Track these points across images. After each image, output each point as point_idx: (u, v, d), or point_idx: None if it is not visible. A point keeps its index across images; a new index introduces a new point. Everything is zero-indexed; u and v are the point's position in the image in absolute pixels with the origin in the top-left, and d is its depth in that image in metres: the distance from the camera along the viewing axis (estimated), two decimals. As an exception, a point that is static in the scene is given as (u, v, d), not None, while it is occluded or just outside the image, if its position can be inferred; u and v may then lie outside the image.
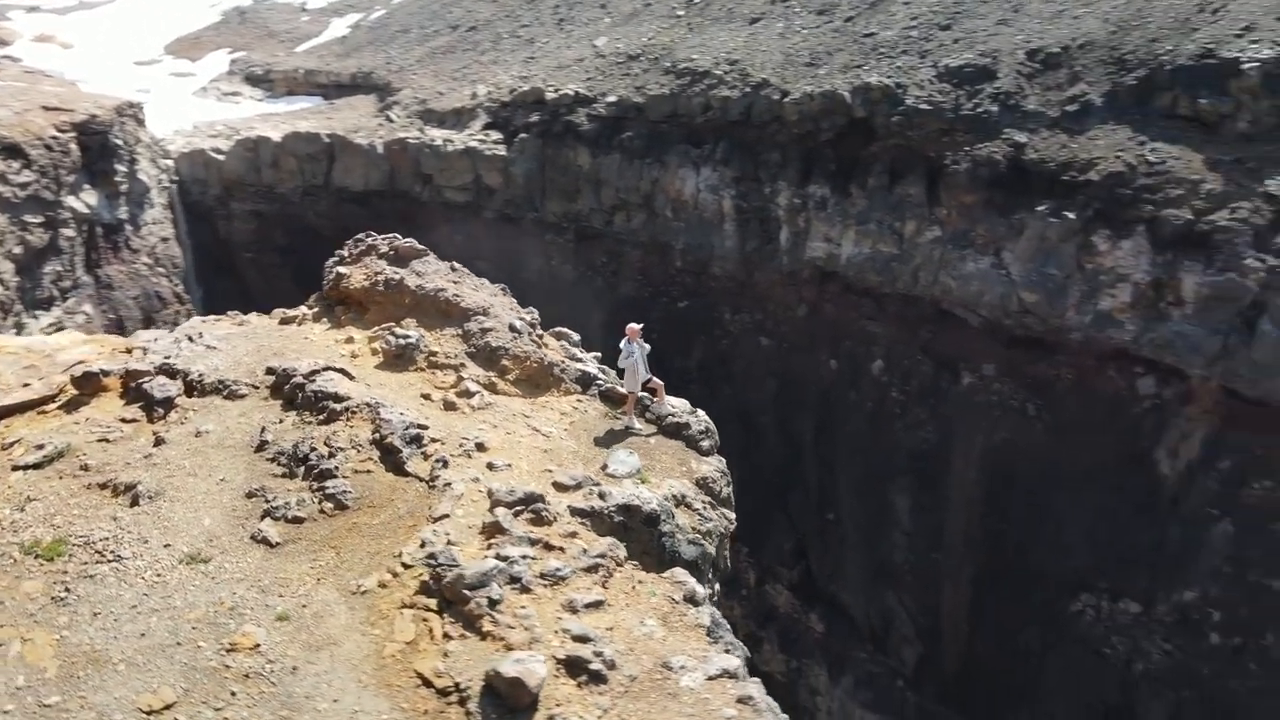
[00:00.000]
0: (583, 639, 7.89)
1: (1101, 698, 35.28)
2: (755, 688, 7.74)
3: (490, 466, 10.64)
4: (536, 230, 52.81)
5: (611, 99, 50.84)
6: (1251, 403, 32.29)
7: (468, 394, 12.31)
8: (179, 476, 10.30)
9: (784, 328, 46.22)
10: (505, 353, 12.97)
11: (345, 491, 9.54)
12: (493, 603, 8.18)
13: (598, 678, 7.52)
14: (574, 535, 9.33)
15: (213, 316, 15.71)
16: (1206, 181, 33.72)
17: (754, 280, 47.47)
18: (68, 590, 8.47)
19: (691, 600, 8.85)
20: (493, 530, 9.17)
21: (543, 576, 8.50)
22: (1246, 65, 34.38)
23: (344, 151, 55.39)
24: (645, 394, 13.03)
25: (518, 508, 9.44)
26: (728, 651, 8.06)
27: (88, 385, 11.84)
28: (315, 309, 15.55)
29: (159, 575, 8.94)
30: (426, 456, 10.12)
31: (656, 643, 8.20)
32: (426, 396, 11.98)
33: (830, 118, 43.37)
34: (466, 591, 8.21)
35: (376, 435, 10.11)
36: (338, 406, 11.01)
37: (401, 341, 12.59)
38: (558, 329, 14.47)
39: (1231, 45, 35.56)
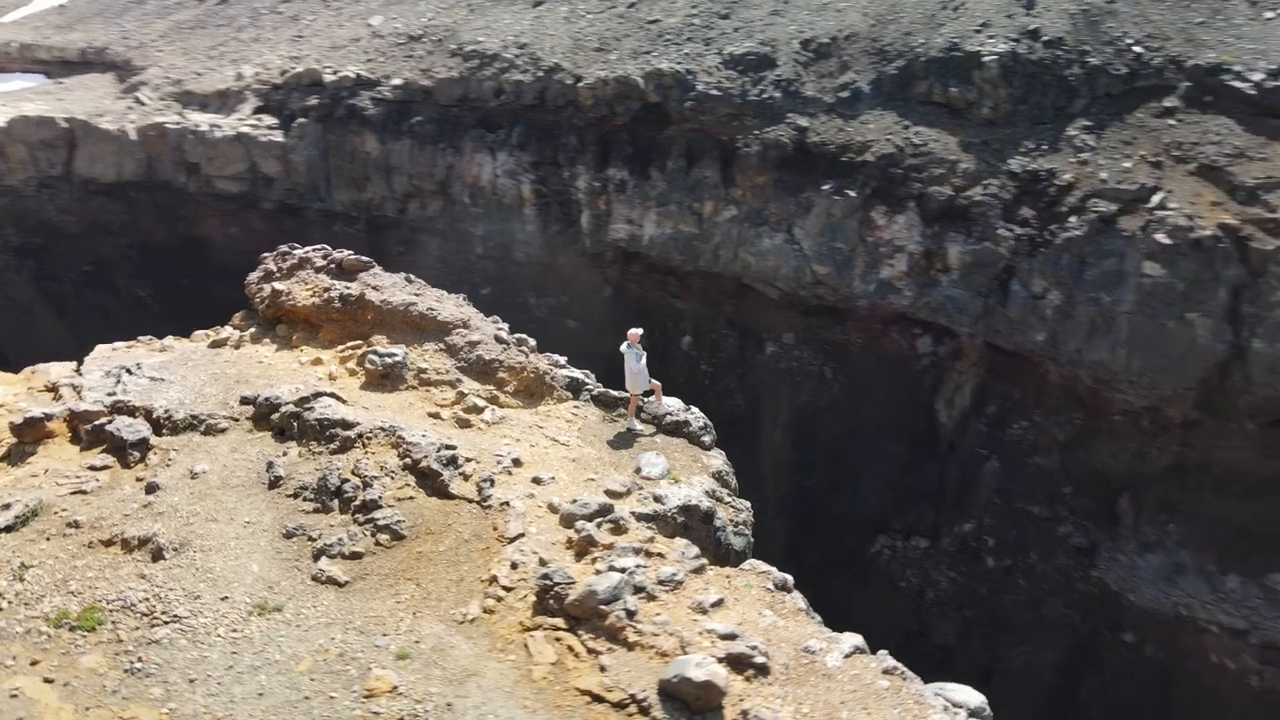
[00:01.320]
0: (730, 636, 8.21)
1: (901, 625, 39.56)
2: (891, 659, 8.49)
3: (536, 480, 10.62)
4: (323, 221, 50.13)
5: (397, 82, 49.14)
6: (1009, 354, 37.28)
7: (476, 410, 11.95)
8: (197, 524, 9.33)
9: (590, 309, 47.12)
10: (500, 365, 12.75)
11: (399, 521, 9.21)
12: (630, 614, 8.28)
13: (763, 670, 7.88)
14: (652, 539, 9.57)
15: (121, 343, 13.92)
16: (962, 161, 38.23)
17: (557, 264, 47.98)
18: (139, 660, 7.48)
19: (784, 587, 9.45)
20: (585, 544, 9.18)
21: (662, 583, 8.68)
22: (986, 58, 39.22)
23: (88, 138, 49.55)
24: (642, 396, 13.58)
25: (596, 519, 9.52)
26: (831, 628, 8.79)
27: (31, 432, 10.26)
28: (250, 329, 14.26)
29: (235, 630, 8.10)
30: (467, 477, 9.87)
31: (782, 630, 8.69)
32: (435, 415, 11.58)
33: (625, 102, 44.54)
34: (602, 606, 8.24)
35: (408, 460, 9.70)
36: (349, 433, 10.31)
37: (388, 360, 12.08)
38: (519, 335, 14.33)
39: (972, 40, 40.39)
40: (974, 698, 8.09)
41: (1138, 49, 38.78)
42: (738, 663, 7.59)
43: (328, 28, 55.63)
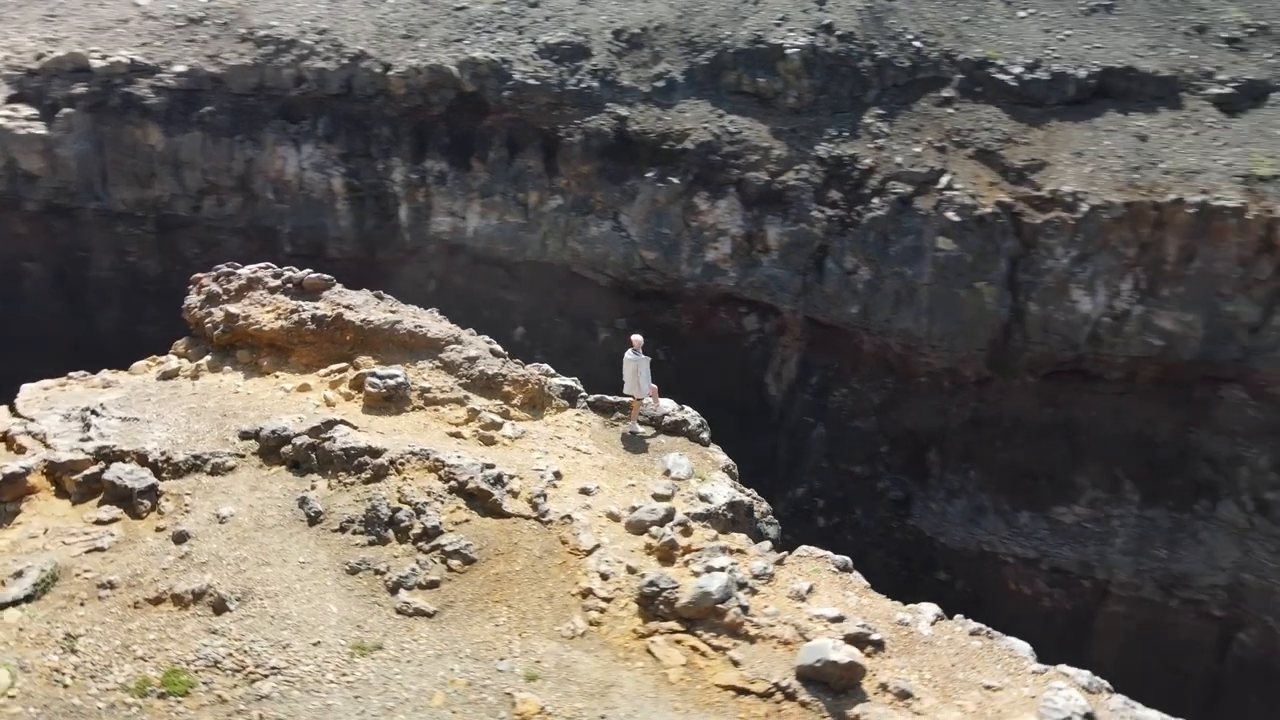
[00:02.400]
0: (839, 619, 8.61)
1: (744, 587, 41.94)
2: (972, 622, 9.22)
3: (584, 491, 10.68)
4: (103, 222, 45.44)
5: (180, 69, 45.18)
6: (827, 327, 40.21)
7: (495, 426, 11.40)
8: (250, 570, 8.44)
9: (415, 304, 45.84)
10: (504, 379, 12.28)
11: (467, 545, 9.01)
12: (744, 609, 8.49)
13: (880, 645, 8.35)
14: (715, 537, 9.74)
15: (49, 381, 11.92)
16: (775, 148, 40.60)
17: (376, 259, 46.21)
18: (259, 718, 6.70)
19: (846, 569, 9.98)
20: (667, 549, 9.23)
21: (757, 577, 8.93)
22: (789, 51, 41.78)
23: None
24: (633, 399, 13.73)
25: (665, 524, 9.60)
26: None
27: (11, 490, 8.74)
28: (204, 357, 12.76)
29: (345, 674, 7.42)
30: (516, 494, 9.68)
31: (868, 607, 9.20)
32: (456, 435, 11.14)
33: (440, 92, 43.50)
34: (719, 605, 8.39)
35: (453, 482, 9.40)
36: (379, 461, 9.60)
37: (390, 382, 11.58)
38: (491, 345, 13.95)
39: (774, 33, 42.83)
40: (1022, 646, 9.20)
41: (917, 44, 42.72)
42: (858, 641, 8.21)
43: (85, 6, 50.00)
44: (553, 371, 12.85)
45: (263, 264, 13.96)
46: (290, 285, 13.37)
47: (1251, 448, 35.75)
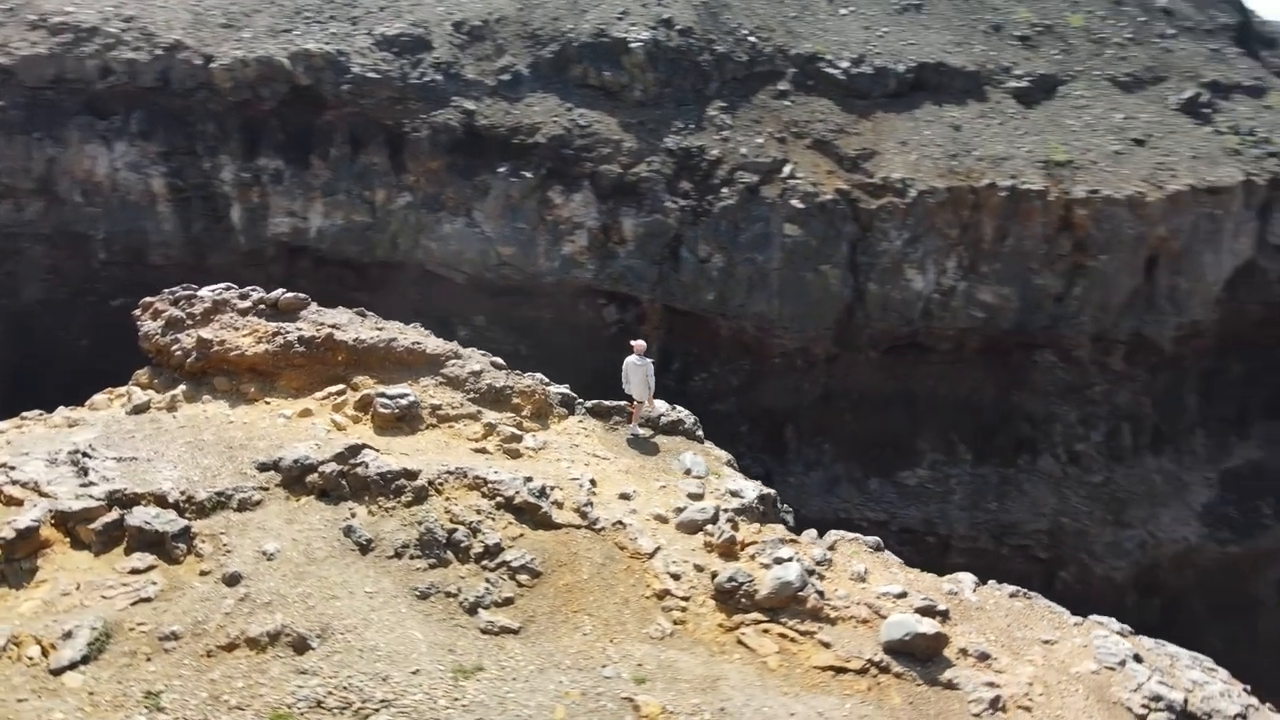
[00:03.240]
0: (902, 595, 9.05)
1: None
2: (1008, 585, 9.86)
3: (624, 496, 10.80)
4: (-127, 233, 40.04)
5: (-40, 59, 40.36)
6: (685, 314, 41.45)
7: (516, 439, 11.10)
8: (319, 605, 7.74)
9: (255, 311, 43.23)
10: (511, 391, 11.84)
11: (531, 559, 8.95)
12: (820, 594, 8.74)
13: (945, 615, 8.85)
14: (759, 530, 9.94)
15: (3, 423, 10.15)
16: (625, 141, 41.27)
17: (207, 264, 43.21)
18: None
19: (879, 549, 10.49)
20: (728, 545, 9.36)
21: (819, 564, 9.20)
22: (633, 44, 42.52)
23: None
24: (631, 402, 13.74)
25: (716, 521, 9.73)
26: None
27: (25, 546, 7.48)
28: (177, 387, 11.35)
29: (457, 699, 6.95)
30: (561, 505, 9.57)
31: (915, 581, 9.70)
32: (481, 450, 10.87)
33: (271, 85, 41.16)
34: (799, 593, 8.60)
35: (499, 499, 9.24)
36: (417, 483, 9.10)
37: (401, 402, 11.26)
38: (489, 357, 13.49)
39: (616, 27, 43.45)
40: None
41: (752, 39, 44.62)
42: (927, 613, 8.84)
43: None
44: (547, 380, 12.82)
45: (224, 285, 13.02)
46: (264, 306, 12.59)
47: (1062, 405, 40.08)
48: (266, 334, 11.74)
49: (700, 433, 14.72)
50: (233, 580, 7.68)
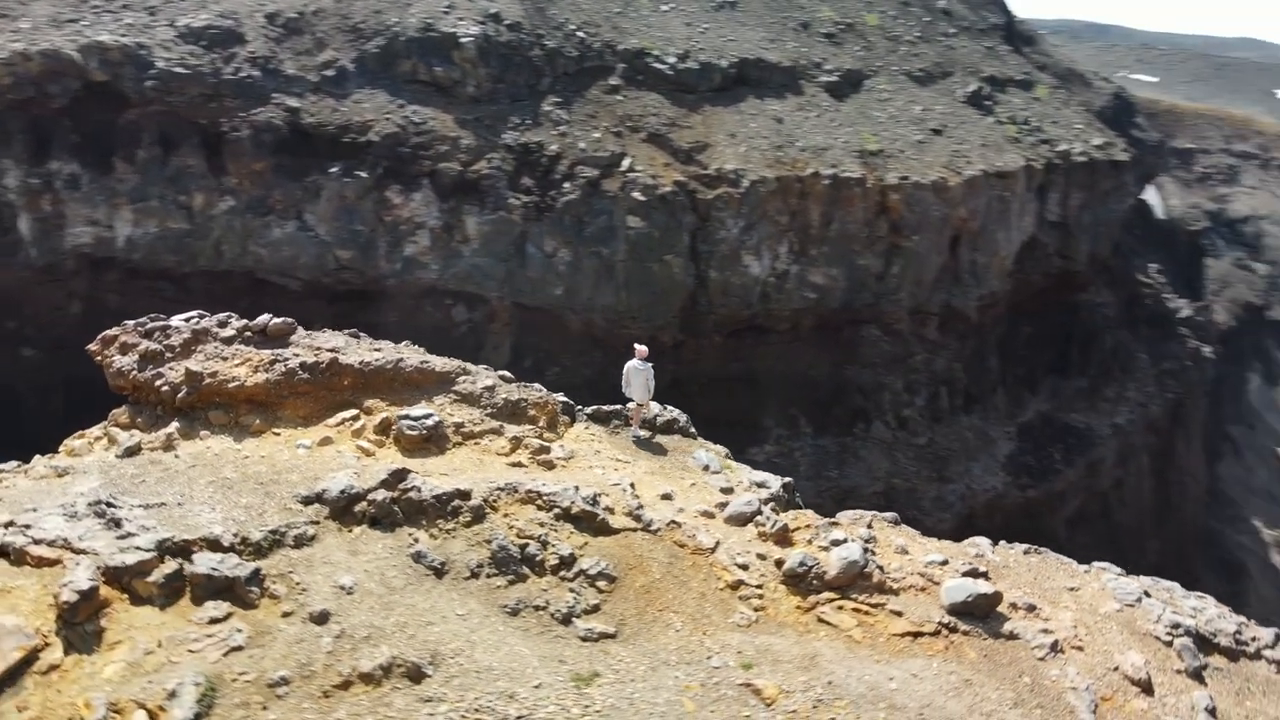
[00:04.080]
0: (944, 562, 9.55)
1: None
2: (1018, 544, 10.64)
3: (666, 497, 10.99)
4: None
5: None
6: (535, 310, 41.50)
7: (544, 450, 10.73)
8: (420, 633, 7.12)
9: (56, 331, 39.21)
10: (527, 403, 11.24)
11: (604, 565, 9.05)
12: (881, 569, 9.10)
13: (985, 575, 9.48)
14: (796, 516, 10.13)
15: None
16: (463, 138, 40.66)
17: (-8, 282, 38.79)
18: None
19: (898, 522, 11.02)
20: (782, 534, 9.72)
21: (867, 542, 9.54)
22: (463, 39, 41.87)
23: None
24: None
25: (761, 513, 9.86)
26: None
27: (86, 608, 6.22)
28: (169, 425, 9.70)
29: (588, 705, 6.57)
30: (612, 511, 9.69)
31: (942, 549, 10.29)
32: (517, 465, 10.56)
33: (60, 81, 37.28)
34: (865, 571, 8.92)
35: (555, 510, 9.21)
36: (472, 502, 8.61)
37: (428, 422, 10.90)
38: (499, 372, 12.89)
39: (444, 21, 42.61)
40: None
41: (580, 34, 45.09)
42: (973, 575, 9.57)
43: None
44: (543, 389, 12.71)
45: (198, 312, 11.74)
46: (251, 333, 11.59)
47: (889, 375, 43.56)
48: (263, 362, 10.97)
49: (693, 430, 15.18)
50: (321, 618, 7.31)
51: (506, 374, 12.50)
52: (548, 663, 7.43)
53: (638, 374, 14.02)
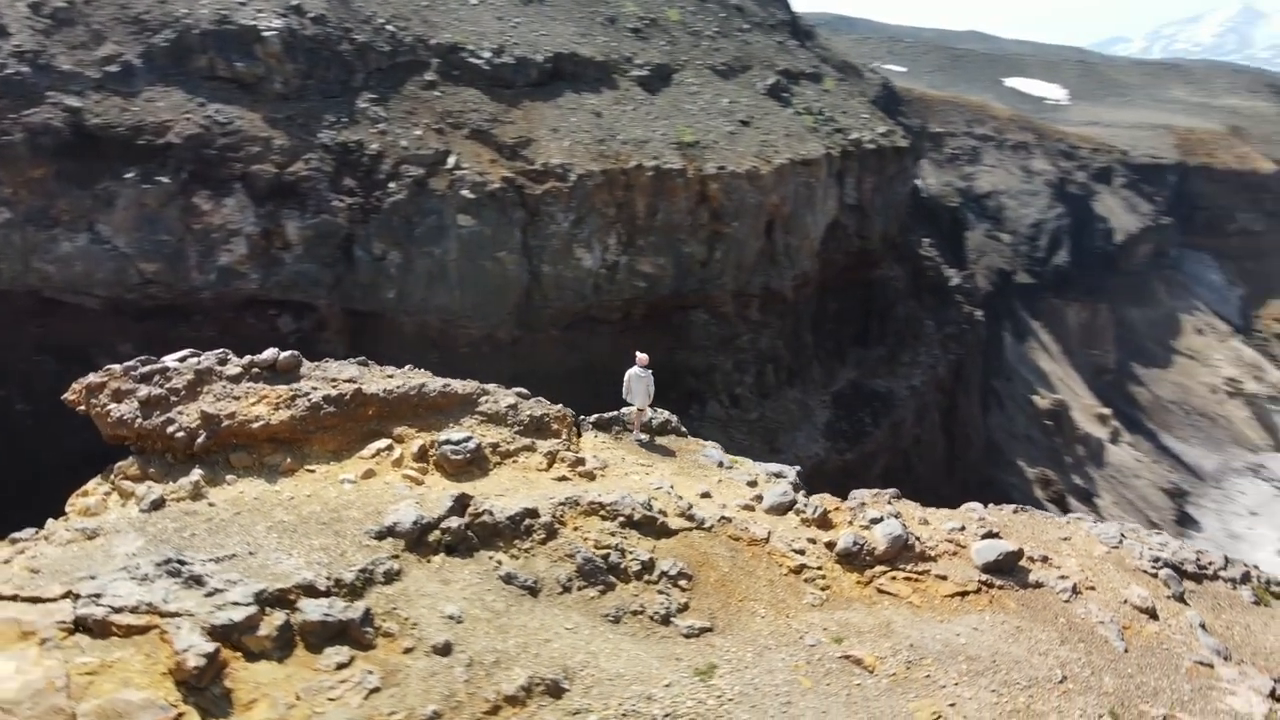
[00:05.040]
0: (961, 528, 10.36)
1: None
2: (1007, 504, 11.56)
3: (704, 495, 11.42)
4: None
5: None
6: (367, 315, 40.05)
7: (580, 462, 10.48)
8: (544, 651, 6.78)
9: None
10: (549, 417, 10.64)
11: (681, 567, 9.39)
12: (919, 540, 9.82)
13: (997, 534, 10.42)
14: (824, 499, 10.51)
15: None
16: (275, 138, 38.38)
17: None
18: None
19: (898, 497, 11.61)
20: (823, 519, 10.56)
21: (895, 517, 10.21)
22: (266, 33, 39.42)
23: None
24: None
25: (796, 502, 10.14)
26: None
27: (211, 669, 5.09)
28: (191, 475, 7.99)
29: (720, 695, 6.46)
30: (666, 513, 9.84)
31: (949, 516, 11.08)
32: (563, 479, 10.43)
33: None
34: (907, 545, 9.58)
35: (620, 518, 9.42)
36: (542, 520, 8.21)
37: (469, 445, 10.78)
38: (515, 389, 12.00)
39: (241, 13, 39.92)
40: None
41: (390, 28, 43.68)
42: (991, 535, 10.49)
43: None
44: (546, 402, 12.47)
45: (189, 350, 10.27)
46: (259, 369, 10.40)
47: (719, 356, 45.71)
48: (282, 399, 10.10)
49: (684, 429, 15.56)
50: (444, 650, 7.08)
51: (521, 390, 12.42)
52: (666, 662, 7.75)
53: (639, 380, 14.46)
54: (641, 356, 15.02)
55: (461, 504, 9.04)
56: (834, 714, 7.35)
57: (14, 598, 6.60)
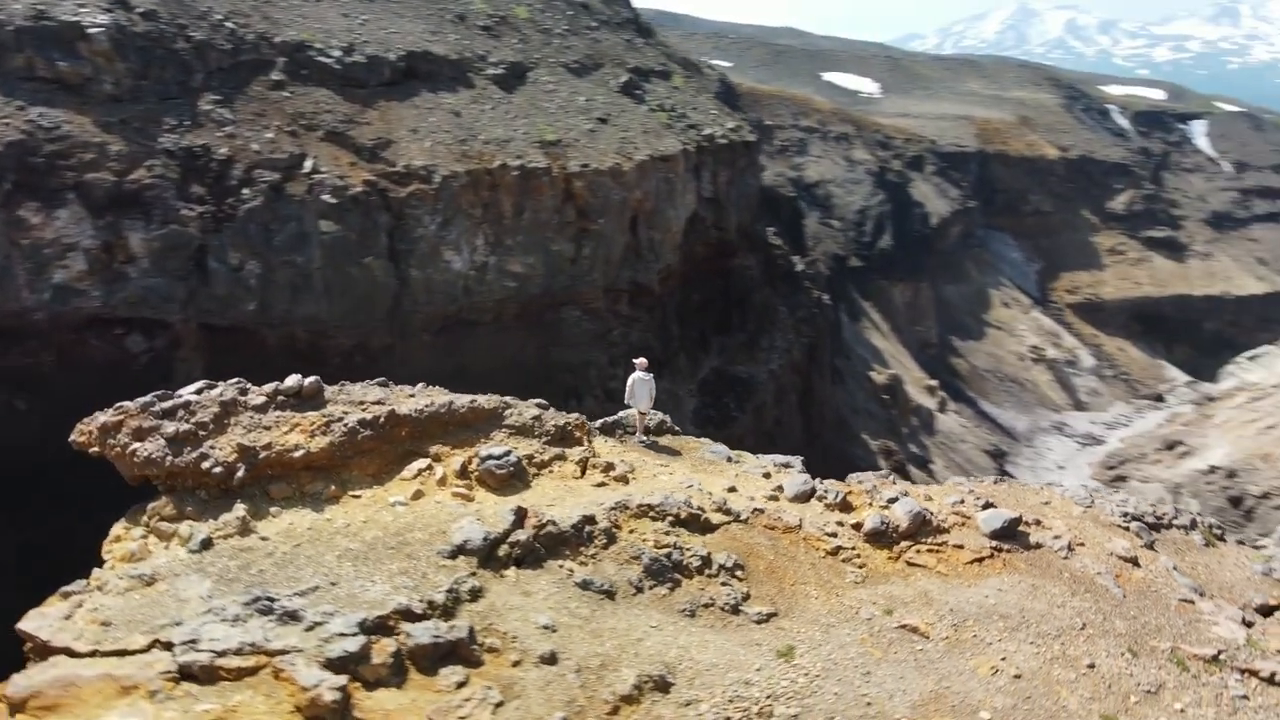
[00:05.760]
0: (961, 501, 10.88)
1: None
2: (989, 475, 12.02)
3: (731, 489, 11.78)
4: None
5: None
6: (227, 330, 37.83)
7: (611, 467, 10.44)
8: (640, 650, 6.66)
9: None
10: (571, 425, 10.28)
11: (735, 558, 9.80)
12: (933, 513, 10.25)
13: (993, 505, 11.10)
14: (839, 484, 10.92)
15: (56, 608, 4.55)
16: (111, 144, 35.55)
17: None
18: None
19: (893, 478, 12.30)
20: (845, 502, 10.83)
21: (906, 495, 10.67)
22: (91, 30, 36.39)
23: None
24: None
25: (812, 489, 10.34)
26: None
27: (343, 703, 4.33)
28: (239, 507, 6.73)
29: (805, 671, 6.49)
30: (704, 510, 10.10)
31: (944, 491, 11.68)
32: (601, 484, 10.48)
33: None
34: (926, 520, 10.22)
35: (669, 518, 9.65)
36: (599, 526, 8.15)
37: (510, 459, 10.81)
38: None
39: (60, 8, 36.65)
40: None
41: (229, 24, 41.26)
42: (989, 506, 11.17)
43: None
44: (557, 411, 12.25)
45: (204, 382, 9.11)
46: (285, 397, 9.54)
47: (593, 352, 46.18)
48: (316, 425, 9.46)
49: (678, 428, 15.75)
50: (551, 659, 7.04)
51: (541, 400, 12.34)
52: (749, 648, 8.10)
53: (643, 385, 14.69)
54: (641, 361, 15.33)
55: (521, 517, 9.07)
56: (910, 679, 7.99)
57: (94, 653, 6.15)
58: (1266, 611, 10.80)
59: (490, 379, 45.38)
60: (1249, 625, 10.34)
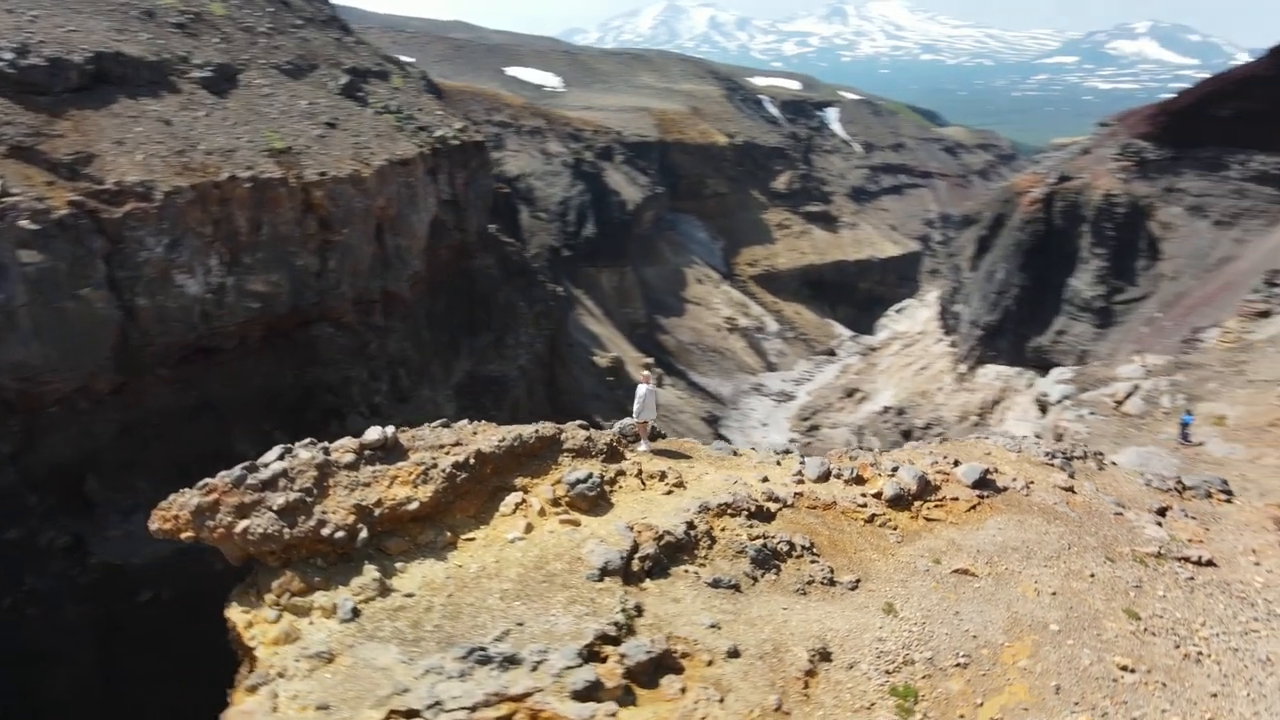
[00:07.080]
0: (934, 461, 11.92)
1: None
2: (937, 437, 12.90)
3: (764, 480, 12.54)
4: None
5: None
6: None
7: (664, 476, 9.90)
8: (793, 631, 6.66)
9: None
10: (620, 440, 9.63)
11: (806, 539, 10.47)
12: (932, 476, 11.13)
13: (959, 461, 12.33)
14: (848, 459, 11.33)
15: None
16: None
17: None
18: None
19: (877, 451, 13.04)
20: (859, 477, 11.53)
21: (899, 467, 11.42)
22: None
23: None
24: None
25: (824, 469, 10.80)
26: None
27: None
28: (371, 571, 4.80)
29: (917, 624, 6.84)
30: (759, 500, 10.98)
31: (909, 456, 12.71)
32: (669, 493, 10.86)
33: None
34: (926, 483, 10.97)
35: (744, 513, 10.44)
36: (698, 530, 8.04)
37: (594, 481, 11.00)
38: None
39: None
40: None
41: None
42: (957, 464, 12.49)
43: None
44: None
45: (281, 447, 7.06)
46: (370, 451, 8.03)
47: (352, 368, 44.22)
48: (415, 474, 8.43)
49: (664, 432, 15.82)
50: (735, 653, 7.40)
51: (582, 421, 12.14)
52: (862, 610, 9.12)
53: (650, 395, 14.80)
54: (646, 374, 15.59)
55: (637, 532, 9.38)
56: (987, 611, 9.56)
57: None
58: (1162, 512, 13.95)
59: (244, 410, 41.99)
60: (1160, 524, 13.31)
